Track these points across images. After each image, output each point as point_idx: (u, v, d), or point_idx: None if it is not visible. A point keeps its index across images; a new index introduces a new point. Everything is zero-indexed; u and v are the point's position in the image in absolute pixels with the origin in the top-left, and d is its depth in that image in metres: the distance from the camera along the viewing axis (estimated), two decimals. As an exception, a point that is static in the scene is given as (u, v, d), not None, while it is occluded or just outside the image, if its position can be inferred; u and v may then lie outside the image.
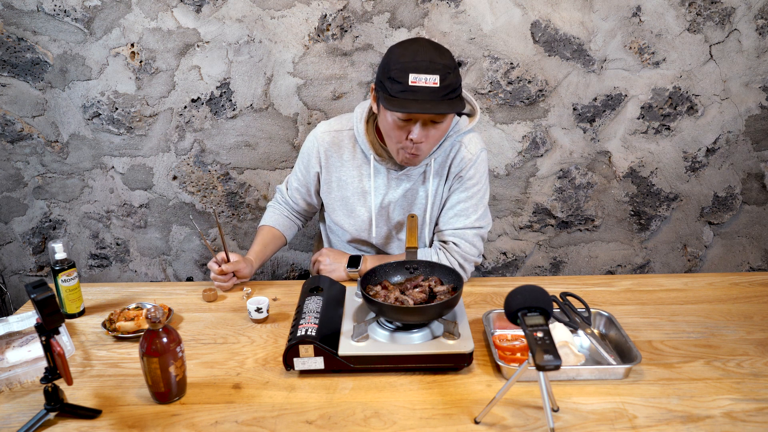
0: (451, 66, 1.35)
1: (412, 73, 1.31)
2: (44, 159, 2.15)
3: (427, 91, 1.31)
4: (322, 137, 1.61)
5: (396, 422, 1.06)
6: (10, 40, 1.98)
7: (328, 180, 1.63)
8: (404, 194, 1.59)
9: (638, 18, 1.96)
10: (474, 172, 1.56)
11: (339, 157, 1.60)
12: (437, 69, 1.32)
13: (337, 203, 1.63)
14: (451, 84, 1.33)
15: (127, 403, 1.12)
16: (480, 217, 1.58)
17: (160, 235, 2.27)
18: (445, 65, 1.33)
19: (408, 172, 1.57)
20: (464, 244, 1.56)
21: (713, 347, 1.29)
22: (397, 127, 1.40)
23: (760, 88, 2.06)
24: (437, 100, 1.33)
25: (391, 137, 1.44)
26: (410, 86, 1.31)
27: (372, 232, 1.61)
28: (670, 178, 2.19)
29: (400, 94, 1.33)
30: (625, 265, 2.34)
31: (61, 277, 1.42)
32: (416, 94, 1.32)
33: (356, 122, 1.55)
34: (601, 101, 2.07)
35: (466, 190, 1.57)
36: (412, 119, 1.37)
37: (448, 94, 1.33)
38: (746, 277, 1.64)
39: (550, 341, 0.92)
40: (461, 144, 1.56)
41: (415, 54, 1.34)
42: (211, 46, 1.99)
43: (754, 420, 1.05)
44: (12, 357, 1.27)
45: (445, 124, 1.42)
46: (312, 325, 1.21)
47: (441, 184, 1.59)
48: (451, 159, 1.56)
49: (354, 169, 1.59)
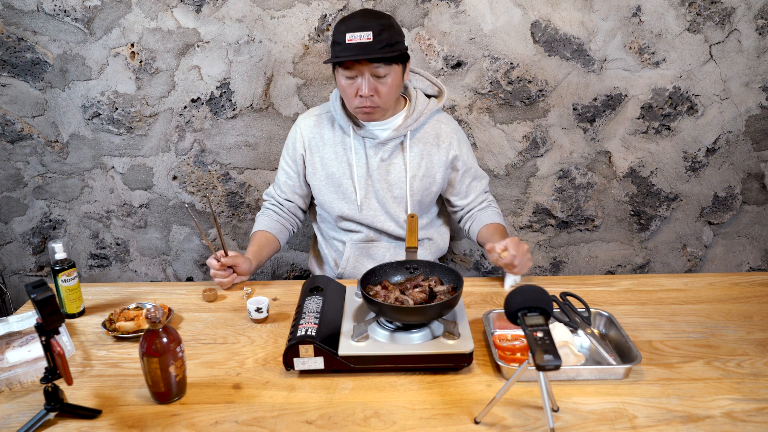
0: (384, 24, 1.51)
1: (347, 32, 1.49)
2: (44, 159, 2.15)
3: (362, 45, 1.48)
4: (301, 123, 1.75)
5: (396, 422, 1.06)
6: (10, 40, 1.98)
7: (312, 161, 1.73)
8: (381, 161, 1.70)
9: (638, 18, 1.96)
10: (461, 139, 1.76)
11: (320, 138, 1.72)
12: (370, 27, 1.49)
13: (323, 182, 1.72)
14: (385, 39, 1.49)
15: (127, 403, 1.12)
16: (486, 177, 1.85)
17: (160, 235, 2.28)
18: (378, 23, 1.50)
19: (384, 141, 1.67)
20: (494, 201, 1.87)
21: (713, 347, 1.29)
22: (348, 86, 1.56)
23: (760, 88, 2.06)
24: (372, 52, 1.48)
25: (347, 98, 1.59)
26: (347, 44, 1.49)
27: (358, 202, 1.70)
28: (670, 178, 2.19)
29: (340, 53, 1.51)
30: (625, 265, 2.34)
31: (61, 277, 1.42)
32: (352, 49, 1.49)
33: (332, 102, 1.69)
34: (601, 101, 2.07)
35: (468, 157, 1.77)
36: (358, 74, 1.53)
37: (383, 48, 1.49)
38: (746, 277, 1.64)
39: (550, 341, 0.92)
40: (436, 120, 1.74)
41: (352, 18, 1.53)
42: (211, 46, 1.99)
43: (754, 420, 1.05)
44: (12, 357, 1.27)
45: (391, 78, 1.55)
46: (312, 325, 1.21)
47: (427, 154, 1.70)
48: (434, 133, 1.72)
49: (335, 145, 1.71)
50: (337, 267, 1.81)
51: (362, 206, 1.71)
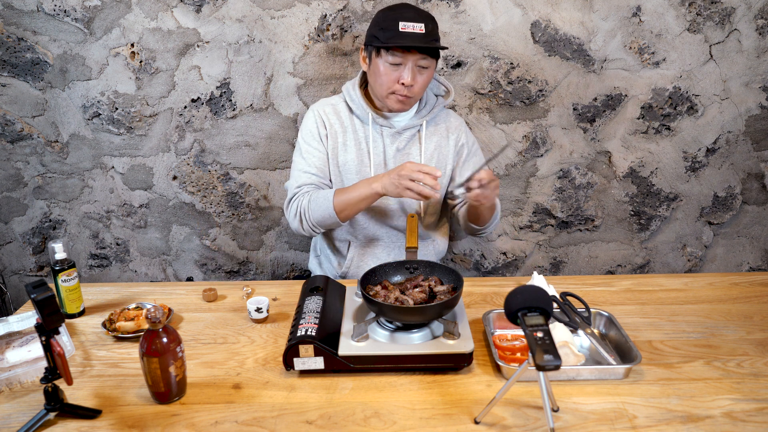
0: (431, 18, 1.56)
1: (401, 21, 1.51)
2: (44, 159, 2.15)
3: (416, 35, 1.51)
4: (321, 108, 1.74)
5: (396, 422, 1.06)
6: (10, 40, 1.98)
7: (333, 146, 1.72)
8: (398, 150, 1.71)
9: (638, 18, 1.96)
10: (467, 132, 1.80)
11: (340, 124, 1.72)
12: (422, 18, 1.53)
13: (341, 168, 1.71)
14: (434, 32, 1.55)
15: (127, 403, 1.12)
16: None
17: (160, 235, 2.28)
18: (427, 16, 1.55)
19: (401, 130, 1.70)
20: None
21: (713, 347, 1.29)
22: (389, 72, 1.56)
23: (760, 88, 2.06)
24: (426, 43, 1.51)
25: (383, 84, 1.59)
26: (401, 32, 1.50)
27: None
28: (670, 178, 2.19)
29: (391, 40, 1.50)
30: (625, 265, 2.34)
31: (61, 277, 1.42)
32: (406, 37, 1.50)
33: (349, 91, 1.71)
34: (601, 101, 2.07)
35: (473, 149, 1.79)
36: (402, 63, 1.54)
37: (433, 41, 1.54)
38: (746, 277, 1.64)
39: (550, 341, 0.92)
40: (446, 114, 1.78)
41: (401, 8, 1.56)
42: (211, 46, 1.99)
43: (754, 420, 1.05)
44: (12, 357, 1.27)
45: (429, 71, 1.59)
46: (312, 325, 1.21)
47: (439, 144, 1.73)
48: (445, 125, 1.75)
49: (353, 132, 1.71)
50: (340, 267, 1.80)
51: None
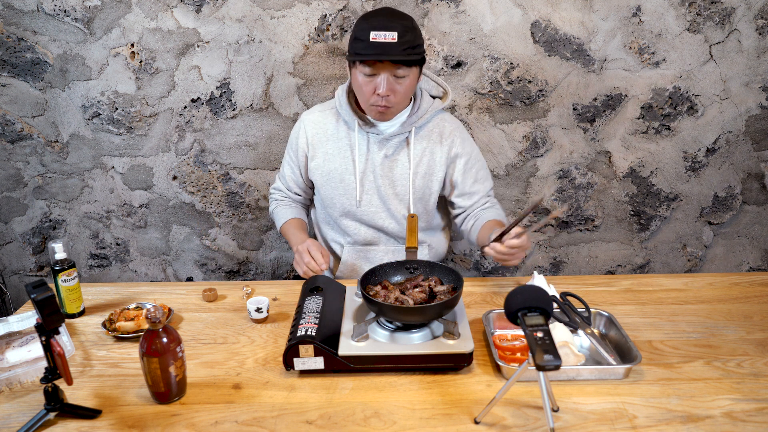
0: (408, 26, 1.50)
1: (372, 30, 1.48)
2: (44, 159, 2.15)
3: (386, 45, 1.47)
4: (305, 119, 1.75)
5: (396, 422, 1.06)
6: (10, 40, 1.98)
7: (314, 157, 1.73)
8: (386, 157, 1.69)
9: (638, 18, 1.96)
10: (465, 138, 1.73)
11: (324, 133, 1.72)
12: (395, 27, 1.48)
13: (325, 177, 1.72)
14: (409, 41, 1.49)
15: (127, 403, 1.12)
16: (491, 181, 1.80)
17: (160, 235, 2.27)
18: (402, 24, 1.49)
19: (389, 137, 1.67)
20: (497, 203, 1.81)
21: (713, 347, 1.29)
22: (365, 83, 1.54)
23: (760, 88, 2.06)
24: (396, 53, 1.48)
25: (362, 94, 1.58)
26: (371, 42, 1.48)
27: (357, 197, 1.69)
28: (670, 178, 2.19)
29: (363, 50, 1.49)
30: (625, 265, 2.34)
31: (61, 277, 1.42)
32: (377, 48, 1.48)
33: (338, 97, 1.69)
34: (601, 101, 2.07)
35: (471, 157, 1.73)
36: (377, 73, 1.52)
37: (406, 50, 1.49)
38: (746, 277, 1.64)
39: (550, 341, 0.92)
40: (442, 119, 1.73)
41: (375, 16, 1.52)
42: (211, 46, 1.99)
43: (754, 420, 1.05)
44: (12, 357, 1.27)
45: (409, 79, 1.55)
46: (312, 325, 1.21)
47: (429, 150, 1.69)
48: (438, 130, 1.71)
49: (338, 140, 1.70)
50: (336, 269, 1.80)
51: (361, 201, 1.70)
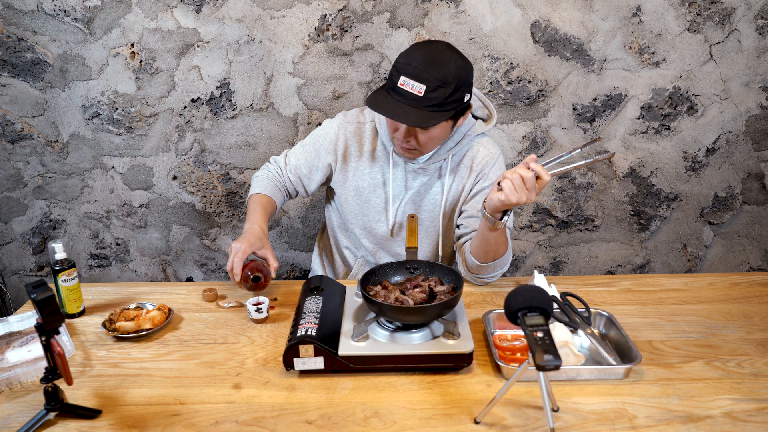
0: (444, 80, 1.33)
1: (403, 75, 1.35)
2: (44, 159, 2.15)
3: (410, 96, 1.35)
4: (345, 126, 1.63)
5: (396, 422, 1.06)
6: (10, 40, 1.98)
7: (344, 169, 1.64)
8: (419, 188, 1.61)
9: (638, 18, 1.96)
10: (498, 171, 1.58)
11: (359, 148, 1.62)
12: (427, 79, 1.33)
13: (351, 192, 1.64)
14: (438, 97, 1.34)
15: (127, 403, 1.12)
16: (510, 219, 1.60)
17: (160, 235, 2.28)
18: (437, 78, 1.33)
19: (425, 166, 1.58)
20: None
21: (713, 347, 1.29)
22: (389, 122, 1.47)
23: (760, 88, 2.06)
24: (417, 108, 1.35)
25: (387, 129, 1.52)
26: (397, 87, 1.36)
27: (388, 217, 1.62)
28: (670, 178, 2.19)
29: (385, 92, 1.40)
30: (625, 265, 2.34)
31: (61, 277, 1.42)
32: (399, 96, 1.36)
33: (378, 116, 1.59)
34: (601, 101, 2.07)
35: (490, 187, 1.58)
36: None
37: (431, 106, 1.35)
38: (746, 277, 1.64)
39: (550, 341, 0.92)
40: (479, 144, 1.59)
41: (415, 57, 1.36)
42: (211, 46, 1.99)
43: (754, 420, 1.05)
44: (12, 357, 1.27)
45: (434, 131, 1.43)
46: (312, 325, 1.21)
47: (459, 181, 1.61)
48: (470, 158, 1.59)
49: (372, 160, 1.61)
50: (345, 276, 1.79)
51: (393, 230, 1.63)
